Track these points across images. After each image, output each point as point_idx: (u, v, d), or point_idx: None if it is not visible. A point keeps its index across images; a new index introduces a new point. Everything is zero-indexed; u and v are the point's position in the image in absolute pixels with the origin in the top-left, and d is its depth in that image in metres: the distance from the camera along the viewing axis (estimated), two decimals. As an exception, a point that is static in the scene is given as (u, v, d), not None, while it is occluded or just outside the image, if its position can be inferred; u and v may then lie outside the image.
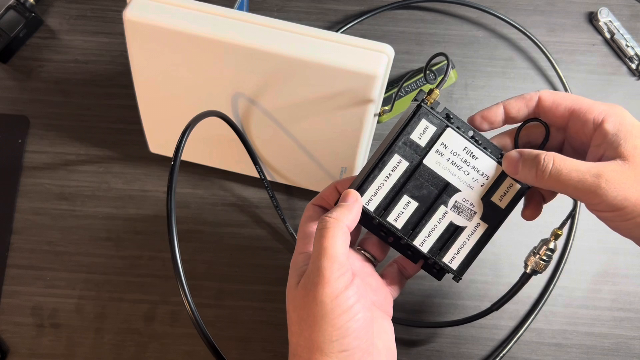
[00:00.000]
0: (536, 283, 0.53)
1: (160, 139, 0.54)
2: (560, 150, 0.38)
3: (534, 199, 0.37)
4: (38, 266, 0.53)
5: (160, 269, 0.53)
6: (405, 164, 0.36)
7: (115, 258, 0.54)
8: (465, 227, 0.36)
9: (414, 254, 0.37)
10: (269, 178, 0.53)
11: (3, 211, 0.55)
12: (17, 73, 0.59)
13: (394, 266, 0.40)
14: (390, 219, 0.36)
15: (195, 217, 0.55)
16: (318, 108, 0.45)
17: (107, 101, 0.58)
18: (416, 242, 0.36)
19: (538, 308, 0.52)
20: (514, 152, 0.35)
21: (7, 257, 0.54)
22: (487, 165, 0.36)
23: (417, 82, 0.56)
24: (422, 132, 0.36)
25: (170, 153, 0.55)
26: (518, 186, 0.36)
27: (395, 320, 0.50)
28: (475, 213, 0.36)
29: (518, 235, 0.54)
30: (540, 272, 0.40)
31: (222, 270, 0.53)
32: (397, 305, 0.52)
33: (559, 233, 0.39)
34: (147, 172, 0.56)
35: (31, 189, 0.56)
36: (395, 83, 0.57)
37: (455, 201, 0.36)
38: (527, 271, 0.40)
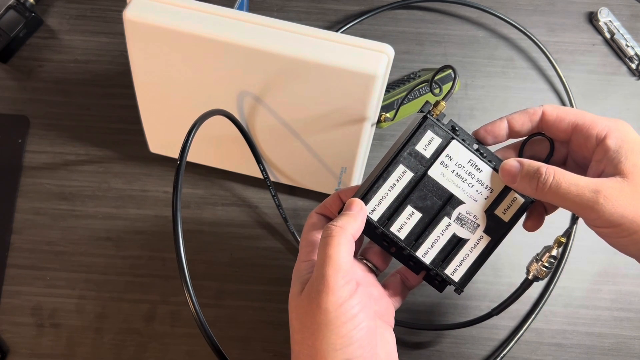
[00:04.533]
0: (536, 283, 0.53)
1: (160, 139, 0.54)
2: (563, 164, 0.38)
3: (536, 210, 0.37)
4: (38, 266, 0.53)
5: (160, 269, 0.53)
6: (409, 175, 0.36)
7: (115, 258, 0.54)
8: (468, 239, 0.36)
9: (416, 265, 0.37)
10: (271, 178, 0.53)
11: (3, 211, 0.55)
12: (17, 73, 0.59)
13: (396, 276, 0.40)
14: (394, 229, 0.36)
15: (195, 217, 0.55)
16: (318, 107, 0.45)
17: (107, 101, 0.58)
18: (419, 253, 0.36)
19: (538, 308, 0.52)
20: (512, 161, 0.35)
21: (7, 257, 0.54)
22: (491, 178, 0.36)
23: (420, 90, 0.56)
24: (427, 144, 0.36)
25: (170, 153, 0.55)
26: (522, 200, 0.36)
27: (396, 322, 0.50)
28: (478, 226, 0.36)
29: (518, 235, 0.53)
30: (542, 279, 0.40)
31: (222, 270, 0.53)
32: (397, 305, 0.52)
33: (562, 241, 0.39)
34: (147, 172, 0.56)
35: (31, 189, 0.56)
36: (395, 85, 0.57)
37: (459, 213, 0.36)
38: (529, 277, 0.40)
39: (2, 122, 0.58)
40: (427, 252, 0.36)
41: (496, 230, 0.36)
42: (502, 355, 0.51)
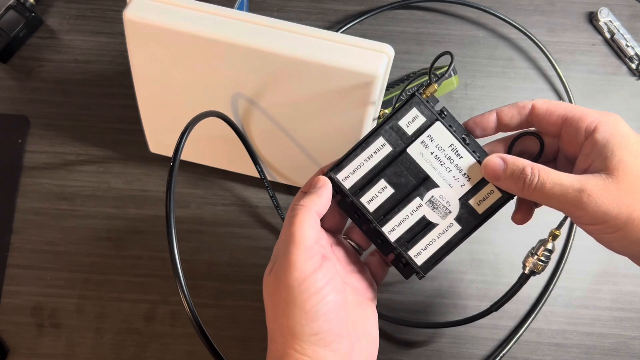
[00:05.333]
0: (536, 283, 0.53)
1: (160, 139, 0.54)
2: (554, 159, 0.37)
3: (525, 202, 0.37)
4: (38, 266, 0.53)
5: (160, 269, 0.53)
6: (388, 149, 0.35)
7: (115, 258, 0.54)
8: (438, 224, 0.36)
9: (384, 244, 0.37)
10: (269, 178, 0.53)
11: (3, 211, 0.55)
12: (17, 73, 0.59)
13: (375, 254, 0.41)
14: (364, 200, 0.36)
15: (195, 217, 0.55)
16: (318, 108, 0.45)
17: (107, 101, 0.58)
18: (385, 229, 0.36)
19: (538, 308, 0.52)
20: (495, 159, 0.34)
21: (7, 257, 0.54)
22: (471, 166, 0.35)
23: (419, 86, 0.56)
24: (410, 121, 0.35)
25: (170, 153, 0.55)
26: (499, 194, 0.35)
27: (396, 321, 0.50)
28: (450, 212, 0.36)
29: (517, 234, 0.54)
30: (539, 273, 0.40)
31: (222, 270, 0.53)
32: (398, 305, 0.52)
33: (557, 234, 0.39)
34: (147, 172, 0.56)
35: (31, 189, 0.56)
36: (395, 84, 0.57)
37: (432, 196, 0.35)
38: (526, 272, 0.40)
39: (2, 122, 0.58)
40: (393, 230, 0.36)
41: (468, 220, 0.36)
42: (501, 355, 0.51)
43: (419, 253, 0.36)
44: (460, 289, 0.53)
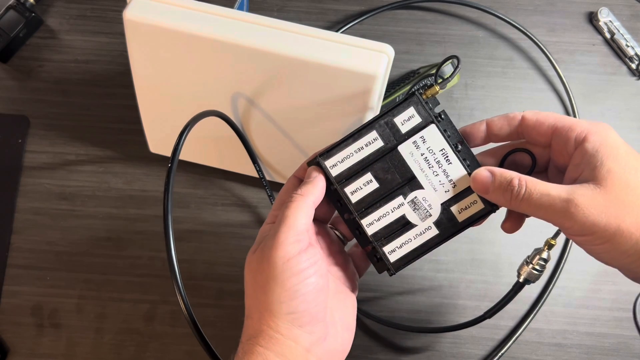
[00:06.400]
0: (536, 283, 0.53)
1: (160, 139, 0.54)
2: (545, 170, 0.37)
3: (515, 212, 0.36)
4: (38, 266, 0.53)
5: (160, 269, 0.53)
6: (379, 143, 0.35)
7: (115, 258, 0.54)
8: (416, 225, 0.36)
9: (362, 236, 0.37)
10: (267, 177, 0.53)
11: (3, 211, 0.55)
12: (17, 73, 0.59)
13: (359, 246, 0.41)
14: (348, 190, 0.36)
15: (195, 217, 0.55)
16: (318, 108, 0.45)
17: (107, 101, 0.58)
18: (364, 222, 0.36)
19: (538, 308, 0.52)
20: (484, 171, 0.34)
21: (7, 257, 0.54)
22: (458, 174, 0.35)
23: (425, 83, 0.56)
24: (406, 119, 0.35)
25: (170, 153, 0.55)
26: (482, 205, 0.35)
27: (395, 326, 0.50)
28: (430, 215, 0.36)
29: (518, 235, 0.53)
30: (533, 282, 0.40)
31: (222, 270, 0.53)
32: (398, 305, 0.52)
33: (553, 243, 0.39)
34: (147, 172, 0.56)
35: (31, 189, 0.56)
36: (396, 84, 0.57)
37: (415, 197, 0.35)
38: (520, 280, 0.40)
39: (2, 122, 0.58)
40: (372, 224, 0.36)
41: (446, 227, 0.36)
42: (501, 355, 0.51)
43: (394, 250, 0.36)
44: (460, 289, 0.53)
